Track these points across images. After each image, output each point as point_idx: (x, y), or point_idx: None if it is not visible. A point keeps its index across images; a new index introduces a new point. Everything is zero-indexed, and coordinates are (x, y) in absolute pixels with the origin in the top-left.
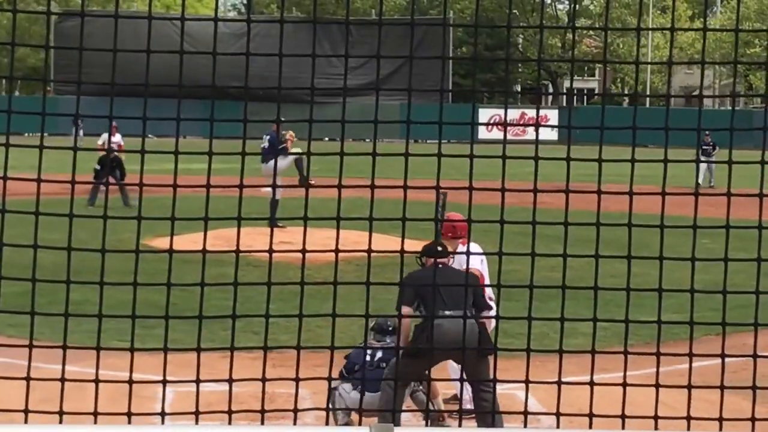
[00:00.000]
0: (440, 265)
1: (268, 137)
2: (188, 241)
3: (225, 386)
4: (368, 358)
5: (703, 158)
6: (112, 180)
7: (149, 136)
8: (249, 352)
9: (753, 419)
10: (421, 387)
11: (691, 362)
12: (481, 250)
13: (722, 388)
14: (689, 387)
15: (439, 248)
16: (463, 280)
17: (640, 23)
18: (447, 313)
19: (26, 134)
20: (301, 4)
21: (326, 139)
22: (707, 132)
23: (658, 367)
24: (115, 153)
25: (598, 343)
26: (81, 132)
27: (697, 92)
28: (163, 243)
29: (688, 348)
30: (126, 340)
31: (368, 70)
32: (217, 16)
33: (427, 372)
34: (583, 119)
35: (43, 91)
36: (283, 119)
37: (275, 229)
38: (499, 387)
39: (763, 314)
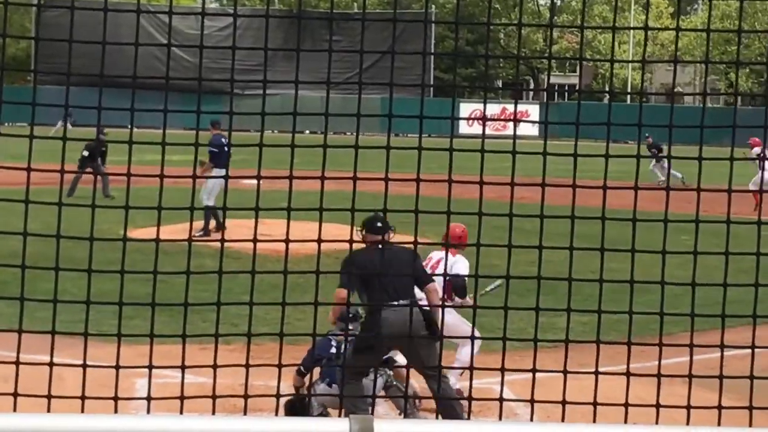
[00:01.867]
0: (383, 246)
1: (223, 139)
2: (167, 232)
3: (201, 378)
4: (333, 350)
5: (652, 161)
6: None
7: (129, 127)
8: (227, 344)
9: (720, 407)
10: (395, 382)
11: (660, 354)
12: (466, 261)
13: (690, 377)
14: (658, 376)
15: (379, 224)
16: (408, 258)
17: (615, 21)
18: (393, 303)
19: (6, 124)
20: None
21: (307, 132)
22: (647, 134)
23: (629, 355)
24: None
25: (577, 338)
26: (67, 122)
27: (678, 89)
28: (142, 234)
29: (665, 342)
30: (102, 330)
31: (343, 64)
32: (204, 10)
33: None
34: (564, 115)
35: (34, 83)
36: (268, 112)
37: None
38: (476, 380)
39: (742, 310)
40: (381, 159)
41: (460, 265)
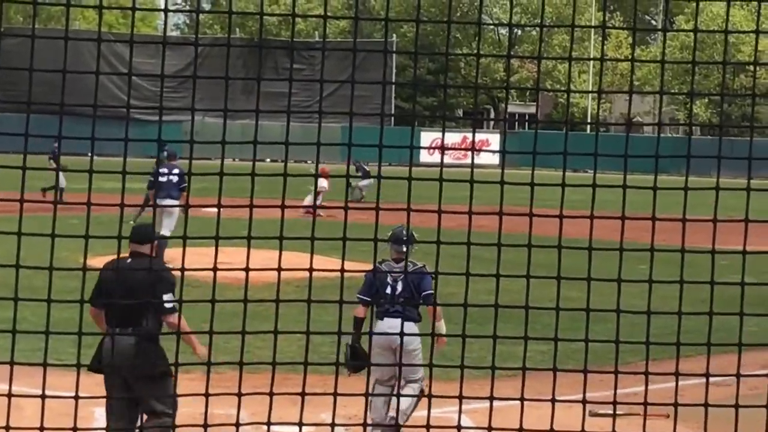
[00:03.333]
0: (131, 259)
1: (177, 171)
2: None
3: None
4: (389, 290)
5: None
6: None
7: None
8: (187, 373)
9: None
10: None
11: (616, 382)
12: None
13: (645, 404)
14: (614, 404)
15: (144, 231)
16: (150, 282)
17: (572, 52)
18: (118, 329)
19: None
20: (244, 26)
21: (267, 160)
22: (357, 160)
23: (585, 383)
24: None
25: (535, 367)
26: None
27: (636, 119)
28: (101, 262)
29: (622, 370)
30: (62, 359)
31: (305, 92)
32: (165, 39)
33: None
34: (524, 143)
35: None
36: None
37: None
38: (435, 409)
39: (698, 338)
40: (342, 187)
41: None
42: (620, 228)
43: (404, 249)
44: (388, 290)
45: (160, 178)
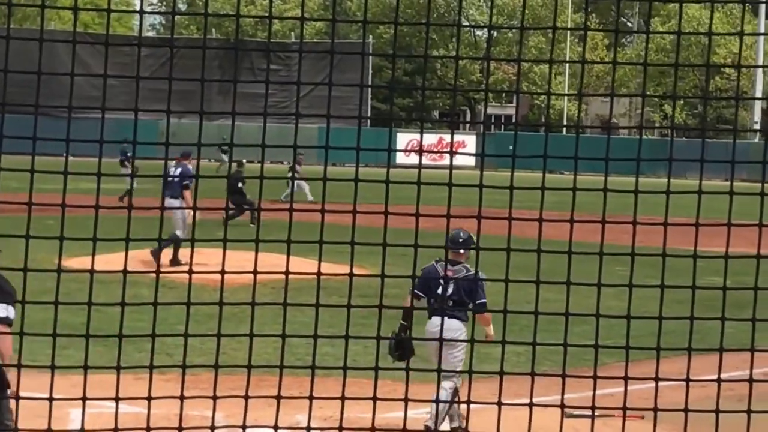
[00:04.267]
0: None
1: (180, 170)
2: (102, 261)
3: (136, 408)
4: (440, 290)
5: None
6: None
7: (65, 155)
8: (162, 374)
9: None
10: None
11: (595, 386)
12: None
13: (624, 409)
14: (593, 408)
15: None
16: None
17: (552, 55)
18: None
19: None
20: (220, 26)
21: (244, 161)
22: (302, 154)
23: (563, 387)
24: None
25: (513, 369)
26: (225, 157)
27: (613, 120)
28: (77, 263)
29: (607, 373)
30: (37, 360)
31: (282, 93)
32: (141, 41)
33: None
34: (500, 144)
35: None
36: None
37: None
38: (413, 411)
39: (677, 340)
40: (318, 189)
41: None
42: (598, 228)
43: (460, 252)
44: (439, 290)
45: (168, 179)
